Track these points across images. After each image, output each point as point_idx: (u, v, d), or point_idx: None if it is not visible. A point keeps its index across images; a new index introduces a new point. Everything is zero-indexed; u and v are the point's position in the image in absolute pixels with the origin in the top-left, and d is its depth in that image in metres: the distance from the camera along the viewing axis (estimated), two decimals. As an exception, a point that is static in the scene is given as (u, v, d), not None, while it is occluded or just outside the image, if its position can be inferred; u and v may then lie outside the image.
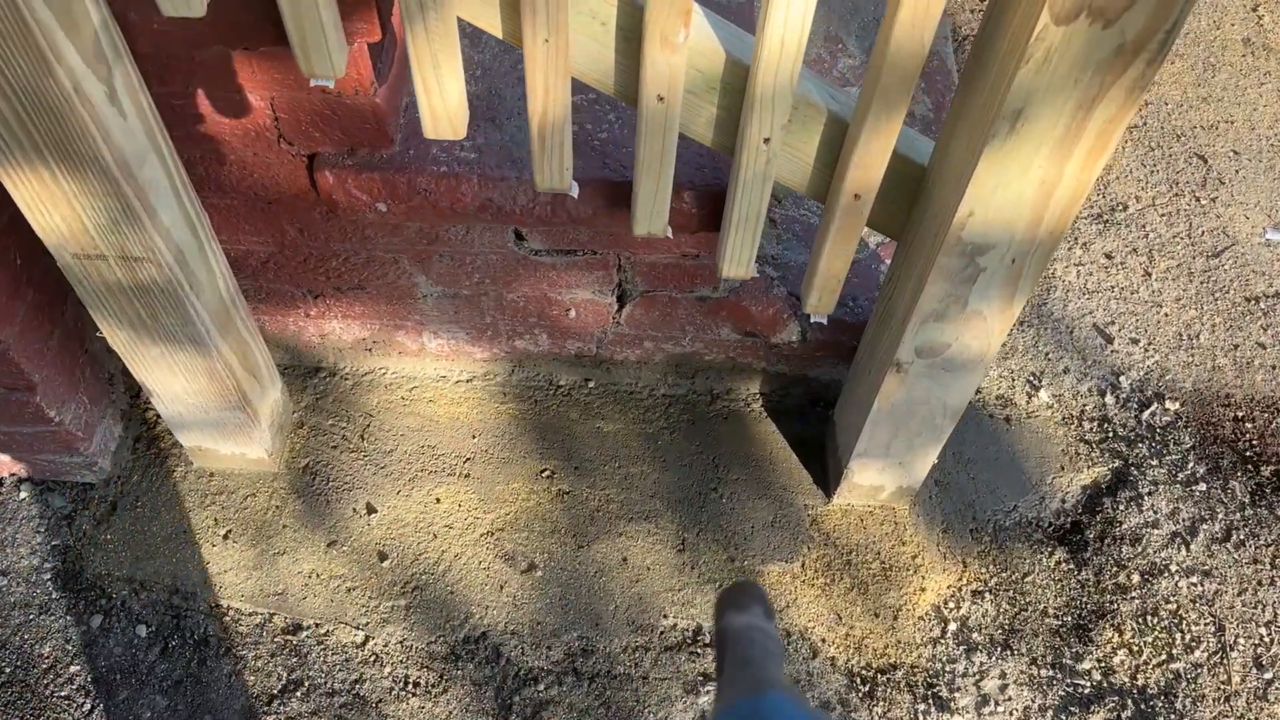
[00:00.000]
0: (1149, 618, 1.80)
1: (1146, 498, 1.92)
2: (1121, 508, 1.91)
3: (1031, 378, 2.07)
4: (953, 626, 1.78)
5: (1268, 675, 1.75)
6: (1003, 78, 1.07)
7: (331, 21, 1.15)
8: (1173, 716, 1.70)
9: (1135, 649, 1.77)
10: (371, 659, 1.71)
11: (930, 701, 1.71)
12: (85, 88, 1.14)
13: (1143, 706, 1.71)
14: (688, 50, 1.17)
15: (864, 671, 1.73)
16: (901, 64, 1.14)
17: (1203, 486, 1.93)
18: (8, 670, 1.68)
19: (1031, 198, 1.19)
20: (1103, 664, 1.76)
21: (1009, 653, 1.76)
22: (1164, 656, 1.76)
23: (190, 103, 1.37)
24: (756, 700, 0.52)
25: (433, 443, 1.90)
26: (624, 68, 1.22)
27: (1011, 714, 1.71)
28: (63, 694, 1.67)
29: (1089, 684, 1.74)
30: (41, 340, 1.57)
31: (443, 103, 1.22)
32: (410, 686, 1.69)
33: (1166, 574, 1.84)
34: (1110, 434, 2.00)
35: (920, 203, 1.37)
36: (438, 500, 1.84)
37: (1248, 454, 1.98)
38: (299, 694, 1.68)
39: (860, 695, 1.71)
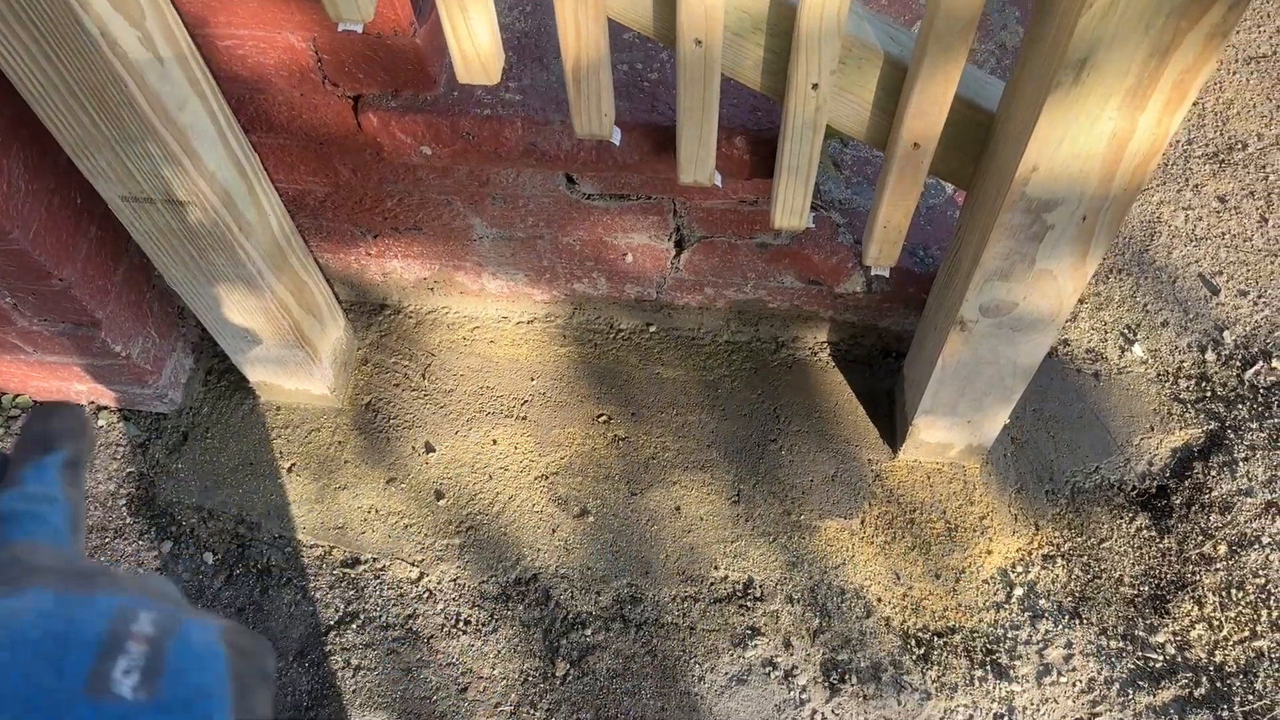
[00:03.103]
0: (1234, 591, 1.69)
1: (1242, 463, 1.79)
2: (1213, 473, 1.79)
3: (1126, 330, 1.94)
4: (1019, 591, 1.71)
5: (1361, 661, 1.63)
6: (1066, 23, 0.97)
7: (356, -37, 1.12)
8: (1250, 697, 1.61)
9: (1215, 624, 1.67)
10: (425, 595, 1.74)
11: (988, 668, 1.65)
12: (114, 32, 1.13)
13: (1219, 684, 1.62)
14: (726, -10, 1.09)
15: (920, 634, 1.68)
16: (959, 8, 1.04)
17: (1305, 455, 1.80)
18: (85, 590, 1.77)
19: (1102, 152, 1.09)
20: (1178, 638, 1.66)
21: (1077, 621, 1.69)
22: (1247, 633, 1.66)
23: (233, 44, 1.35)
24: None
25: (492, 384, 1.90)
26: (662, 7, 1.15)
27: (1075, 685, 1.64)
28: (134, 616, 1.75)
29: (1161, 658, 1.65)
30: (105, 277, 1.61)
31: (473, 46, 1.18)
32: (461, 624, 1.71)
33: (1257, 546, 1.72)
34: (1208, 393, 1.87)
35: (987, 153, 1.27)
36: (495, 441, 1.84)
37: (1360, 421, 1.83)
38: (355, 626, 1.72)
39: (914, 658, 1.66)
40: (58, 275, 1.48)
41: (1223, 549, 1.73)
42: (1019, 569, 1.73)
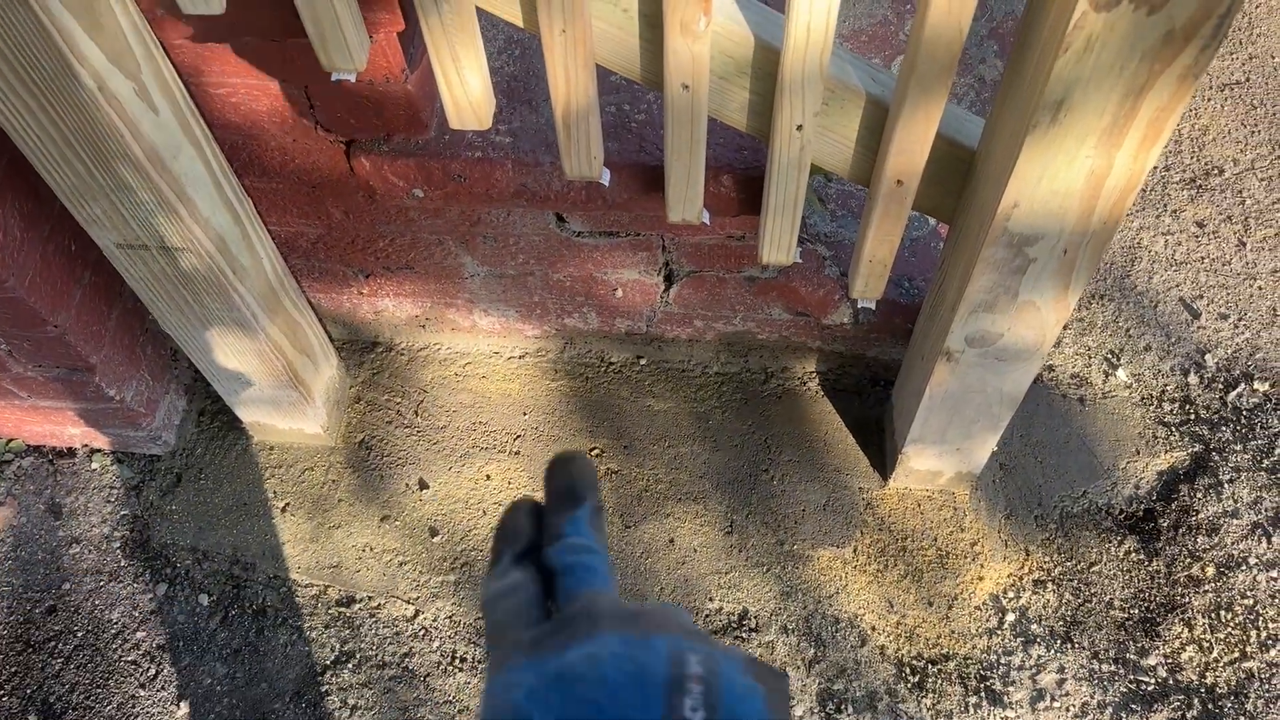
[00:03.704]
0: (1222, 613, 1.71)
1: (1227, 485, 1.82)
2: (1199, 495, 1.81)
3: (1110, 355, 1.97)
4: (1011, 617, 1.73)
5: (1350, 679, 1.65)
6: (1043, 66, 1.00)
7: (349, 16, 1.14)
8: (1242, 718, 1.63)
9: (1205, 645, 1.69)
10: (421, 633, 1.74)
11: (982, 695, 1.66)
12: (111, 85, 1.15)
13: (1210, 706, 1.64)
14: (711, 36, 1.12)
15: (914, 661, 1.69)
16: (939, 52, 1.07)
17: (1289, 476, 1.83)
18: (80, 634, 1.77)
19: (1080, 189, 1.11)
20: (1169, 660, 1.68)
21: (1069, 646, 1.70)
22: (1237, 654, 1.68)
23: (227, 92, 1.37)
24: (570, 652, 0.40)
25: (484, 419, 1.91)
26: (649, 55, 1.17)
27: (1068, 710, 1.65)
28: (129, 659, 1.74)
29: (1153, 681, 1.67)
30: (99, 321, 1.62)
31: (465, 94, 1.20)
32: (457, 661, 1.72)
33: (1244, 567, 1.74)
34: (1192, 416, 1.90)
35: (969, 188, 1.30)
36: (488, 477, 1.85)
37: (1342, 441, 1.86)
38: (350, 665, 1.72)
39: (909, 686, 1.67)
40: (52, 322, 1.49)
41: (1210, 571, 1.75)
42: (1010, 595, 1.75)
